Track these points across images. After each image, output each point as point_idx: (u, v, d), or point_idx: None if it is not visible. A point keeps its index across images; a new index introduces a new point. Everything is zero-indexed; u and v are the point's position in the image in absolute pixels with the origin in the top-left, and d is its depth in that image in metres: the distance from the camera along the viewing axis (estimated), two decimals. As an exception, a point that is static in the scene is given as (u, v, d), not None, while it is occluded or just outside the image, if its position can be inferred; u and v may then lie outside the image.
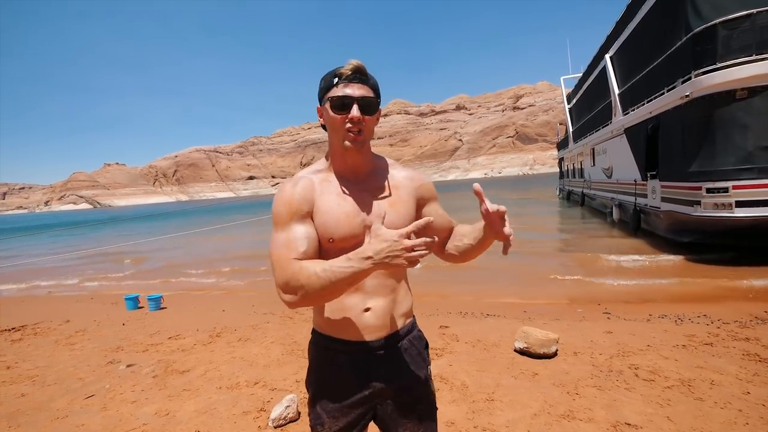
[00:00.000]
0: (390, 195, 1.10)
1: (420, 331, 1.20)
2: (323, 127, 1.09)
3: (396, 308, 1.11)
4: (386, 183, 1.11)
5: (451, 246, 1.16)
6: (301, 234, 1.01)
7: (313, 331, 1.17)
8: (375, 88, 1.04)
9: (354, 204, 1.06)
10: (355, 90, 0.99)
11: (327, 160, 1.12)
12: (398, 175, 1.14)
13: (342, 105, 0.99)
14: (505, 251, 0.96)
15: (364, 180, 1.10)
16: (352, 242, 1.03)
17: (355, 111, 0.98)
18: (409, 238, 0.87)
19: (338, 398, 1.08)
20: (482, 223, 1.03)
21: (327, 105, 1.01)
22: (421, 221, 0.88)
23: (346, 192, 1.07)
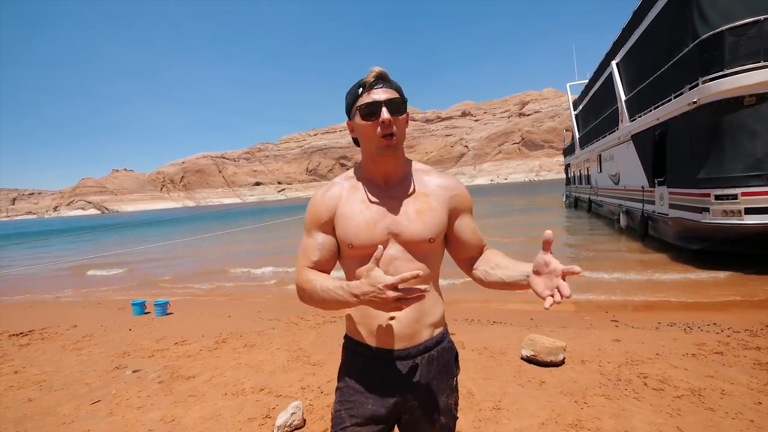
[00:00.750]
0: (419, 203, 1.07)
1: (451, 341, 1.18)
2: (355, 141, 1.10)
3: (424, 318, 1.08)
4: (417, 190, 1.09)
5: (481, 270, 1.11)
6: (317, 243, 1.09)
7: (345, 335, 1.18)
8: (399, 91, 1.04)
9: (378, 211, 1.05)
10: (381, 94, 1.00)
11: (359, 167, 1.14)
12: (432, 183, 1.11)
13: (371, 112, 0.99)
14: (548, 305, 0.90)
15: (394, 186, 1.09)
16: (371, 250, 1.00)
17: (385, 114, 0.98)
18: (396, 288, 0.84)
19: (363, 404, 1.07)
20: (529, 269, 0.97)
21: (356, 115, 1.02)
22: (407, 274, 0.84)
23: (372, 199, 1.07)
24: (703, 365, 3.00)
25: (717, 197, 6.16)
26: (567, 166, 24.58)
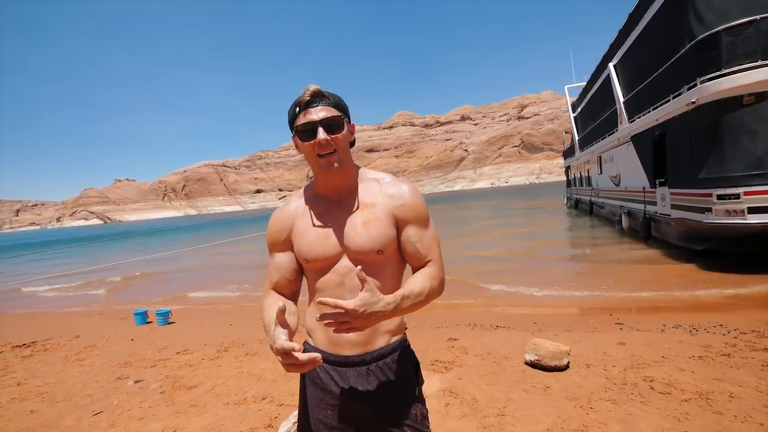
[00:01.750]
0: (366, 214, 1.06)
1: (410, 350, 1.15)
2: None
3: (380, 325, 1.06)
4: (366, 200, 1.08)
5: None
6: (276, 264, 1.13)
7: (305, 342, 1.17)
8: (338, 106, 1.04)
9: (329, 225, 1.07)
10: (316, 113, 1.00)
11: (314, 180, 1.15)
12: (381, 192, 1.09)
13: (307, 132, 1.00)
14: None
15: (345, 199, 1.09)
16: (325, 263, 1.06)
17: (320, 134, 0.99)
18: (285, 352, 0.84)
19: (322, 413, 1.08)
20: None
21: (294, 135, 1.04)
22: (288, 345, 0.84)
23: (325, 213, 1.09)
24: (710, 368, 2.96)
25: (719, 197, 6.14)
26: (567, 168, 24.57)
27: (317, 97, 1.01)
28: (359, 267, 0.89)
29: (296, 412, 2.53)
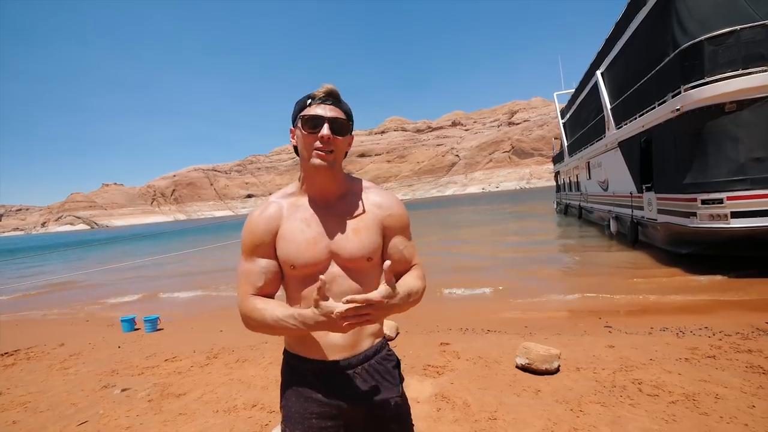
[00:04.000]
0: (356, 221, 1.08)
1: (390, 350, 1.19)
2: (295, 149, 1.10)
3: (364, 328, 1.09)
4: (354, 208, 1.10)
5: None
6: (260, 268, 1.07)
7: (284, 351, 1.16)
8: (347, 113, 1.06)
9: (318, 230, 1.06)
10: (327, 111, 1.01)
11: (300, 183, 1.13)
12: (368, 200, 1.12)
13: (314, 124, 1.01)
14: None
15: (333, 204, 1.10)
16: (313, 269, 1.04)
17: (325, 130, 1.00)
18: (347, 316, 0.88)
19: (308, 419, 1.07)
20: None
21: (299, 124, 1.04)
22: (359, 297, 0.88)
23: (313, 217, 1.08)
24: (696, 369, 3.02)
25: (703, 201, 6.27)
26: (557, 174, 24.89)
27: (332, 97, 1.03)
28: (387, 262, 0.92)
29: (287, 419, 2.51)
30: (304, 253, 1.04)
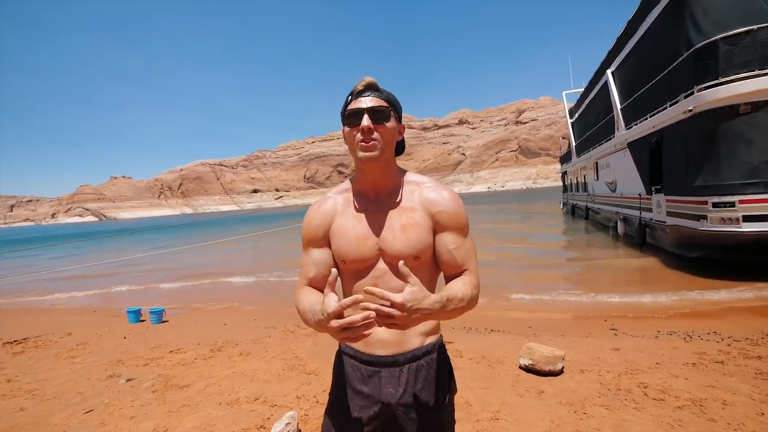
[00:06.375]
0: (405, 217, 1.04)
1: (446, 355, 1.13)
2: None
3: None
4: (405, 203, 1.06)
5: None
6: (312, 260, 1.09)
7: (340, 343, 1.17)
8: (390, 100, 1.04)
9: (368, 226, 1.05)
10: (365, 102, 1.00)
11: (354, 177, 1.14)
12: (420, 196, 1.06)
13: (354, 118, 1.00)
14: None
15: (384, 199, 1.07)
16: (363, 264, 1.04)
17: (364, 121, 0.98)
18: (342, 315, 0.80)
19: (349, 410, 1.07)
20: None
21: (343, 122, 1.04)
22: (347, 300, 0.80)
23: (363, 213, 1.07)
24: (703, 375, 2.97)
25: (714, 204, 6.17)
26: (564, 174, 24.69)
27: (369, 89, 1.02)
28: (401, 261, 0.86)
29: (289, 414, 2.51)
30: (353, 249, 1.03)
